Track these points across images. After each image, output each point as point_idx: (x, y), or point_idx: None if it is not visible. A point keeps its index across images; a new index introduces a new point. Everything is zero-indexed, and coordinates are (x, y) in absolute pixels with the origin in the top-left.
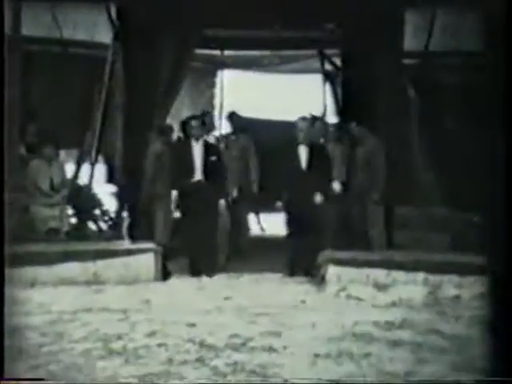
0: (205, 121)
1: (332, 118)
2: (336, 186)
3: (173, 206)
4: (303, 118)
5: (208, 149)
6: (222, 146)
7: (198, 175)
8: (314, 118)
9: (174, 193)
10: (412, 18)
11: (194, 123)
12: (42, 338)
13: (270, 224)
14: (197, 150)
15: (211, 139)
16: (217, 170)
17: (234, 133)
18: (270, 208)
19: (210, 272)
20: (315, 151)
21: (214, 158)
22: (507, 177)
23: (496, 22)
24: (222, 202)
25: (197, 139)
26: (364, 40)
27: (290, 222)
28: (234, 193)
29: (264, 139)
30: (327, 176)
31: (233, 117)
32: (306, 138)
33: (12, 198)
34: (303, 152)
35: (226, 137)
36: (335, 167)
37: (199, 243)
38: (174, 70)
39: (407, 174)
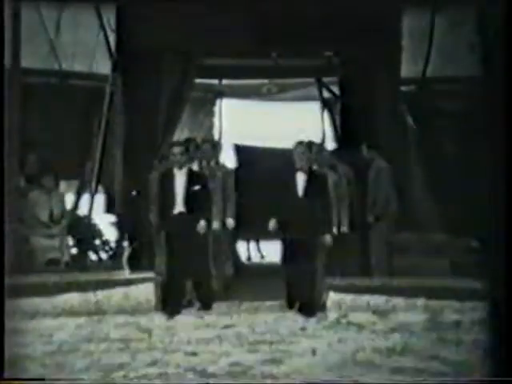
0: (188, 148)
1: (331, 145)
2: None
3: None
4: (300, 143)
5: (192, 177)
6: (207, 173)
7: (180, 206)
8: (311, 144)
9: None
10: (409, 45)
11: (175, 150)
12: (43, 369)
13: (270, 251)
14: (180, 178)
15: (195, 167)
16: (200, 200)
17: (209, 162)
18: (264, 235)
19: (209, 301)
20: (313, 178)
21: (197, 188)
22: (506, 203)
23: (494, 48)
24: (202, 223)
25: (180, 167)
26: (361, 68)
27: (285, 250)
28: (216, 224)
29: (262, 167)
30: (325, 202)
31: (210, 145)
32: (303, 163)
33: (12, 229)
34: (300, 178)
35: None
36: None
37: (189, 276)
38: (174, 100)
39: (406, 199)
